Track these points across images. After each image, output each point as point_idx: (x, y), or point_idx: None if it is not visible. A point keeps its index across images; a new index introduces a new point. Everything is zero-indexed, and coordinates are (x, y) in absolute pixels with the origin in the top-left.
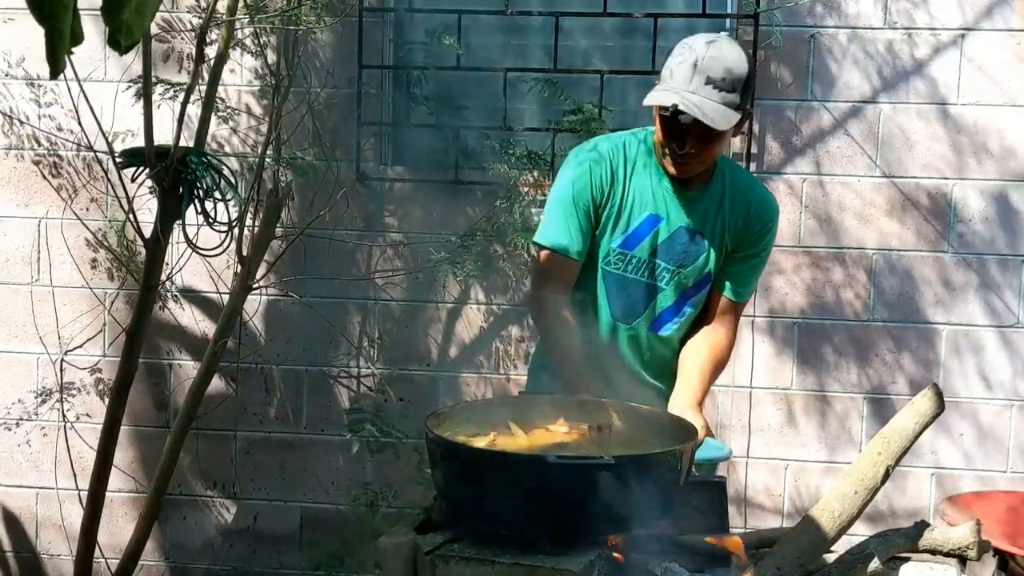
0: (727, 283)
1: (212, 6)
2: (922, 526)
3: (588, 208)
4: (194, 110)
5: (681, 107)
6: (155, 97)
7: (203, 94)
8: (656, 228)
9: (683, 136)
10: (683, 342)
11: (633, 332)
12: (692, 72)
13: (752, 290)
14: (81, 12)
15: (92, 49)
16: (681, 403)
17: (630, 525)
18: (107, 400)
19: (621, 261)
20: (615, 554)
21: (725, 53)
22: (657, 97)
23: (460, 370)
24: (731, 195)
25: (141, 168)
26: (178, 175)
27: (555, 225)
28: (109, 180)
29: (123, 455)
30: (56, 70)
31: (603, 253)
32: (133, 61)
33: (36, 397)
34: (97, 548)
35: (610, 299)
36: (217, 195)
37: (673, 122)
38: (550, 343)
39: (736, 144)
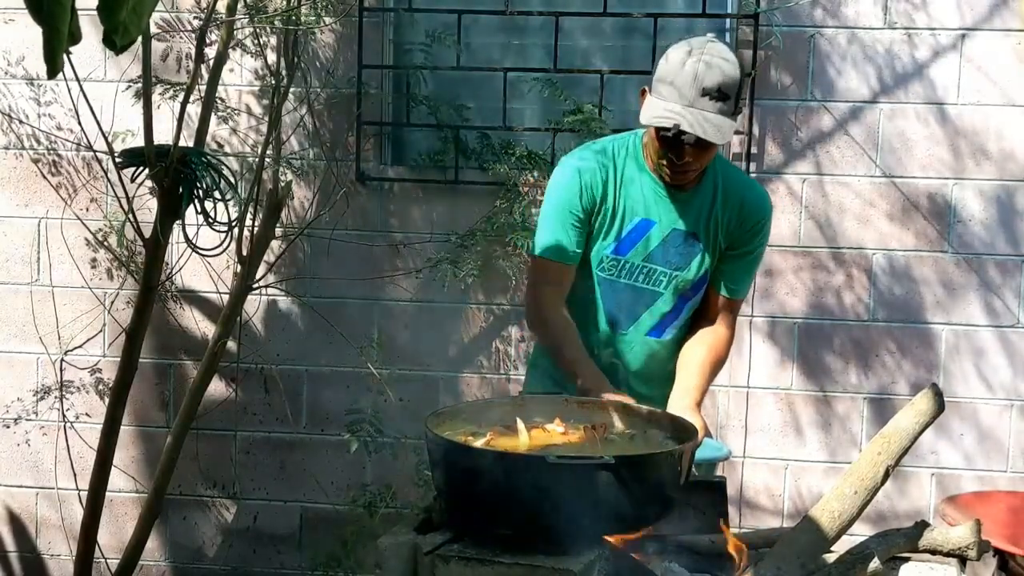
0: (723, 281)
1: (212, 6)
2: (922, 526)
3: (579, 214)
4: (194, 110)
5: (684, 127)
6: (155, 97)
7: (203, 94)
8: (648, 233)
9: (680, 149)
10: (681, 342)
11: (631, 338)
12: (687, 85)
13: (748, 287)
14: (80, 12)
15: (92, 49)
16: (680, 403)
17: (630, 525)
18: (107, 400)
19: (614, 267)
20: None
21: (717, 60)
22: (655, 116)
23: (460, 370)
24: (723, 194)
25: (141, 168)
26: (178, 175)
27: (547, 234)
28: (109, 180)
29: (123, 455)
30: (54, 70)
31: (596, 260)
32: (133, 61)
33: (36, 397)
34: (97, 548)
35: (605, 306)
36: (217, 195)
37: (668, 138)
38: (549, 340)
39: (736, 144)
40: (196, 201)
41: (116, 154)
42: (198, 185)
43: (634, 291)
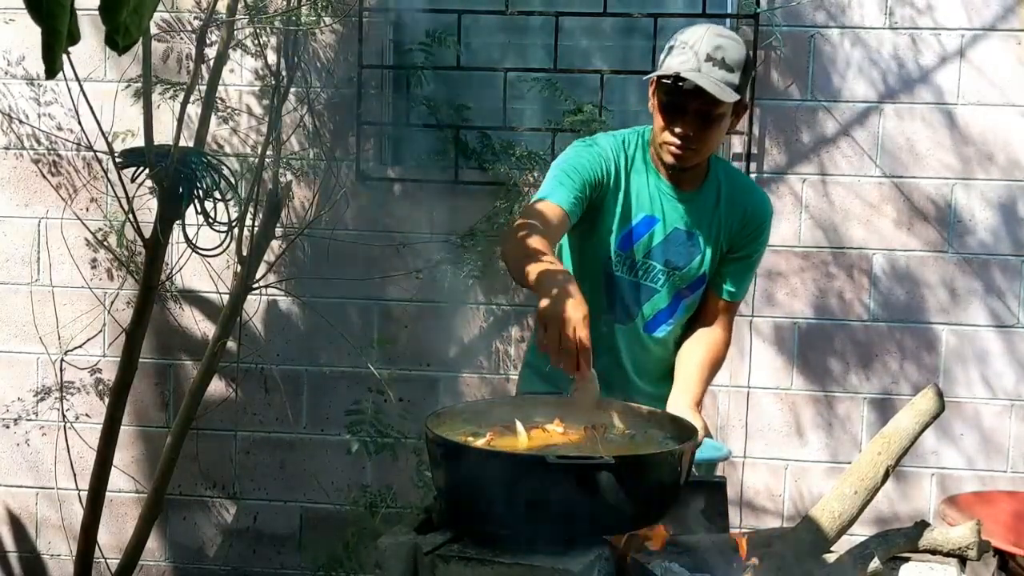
0: (722, 284)
1: (212, 6)
2: (922, 526)
3: (586, 176)
4: (194, 110)
5: (683, 74)
6: (155, 97)
7: (203, 94)
8: (652, 229)
9: (683, 116)
10: (679, 343)
11: (627, 332)
12: (692, 51)
13: (746, 290)
14: (81, 12)
15: (92, 49)
16: (680, 403)
17: (630, 525)
18: (107, 400)
19: (618, 261)
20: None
21: (724, 35)
22: (659, 69)
23: (460, 370)
24: (727, 197)
25: (141, 168)
26: (178, 175)
27: (545, 186)
28: (109, 180)
29: (123, 455)
30: (52, 70)
31: (603, 253)
32: (133, 61)
33: (36, 397)
34: (97, 548)
35: (605, 299)
36: (217, 195)
37: (673, 101)
38: (515, 247)
39: (736, 145)
40: (196, 201)
41: (116, 154)
42: (198, 185)
43: (633, 286)
